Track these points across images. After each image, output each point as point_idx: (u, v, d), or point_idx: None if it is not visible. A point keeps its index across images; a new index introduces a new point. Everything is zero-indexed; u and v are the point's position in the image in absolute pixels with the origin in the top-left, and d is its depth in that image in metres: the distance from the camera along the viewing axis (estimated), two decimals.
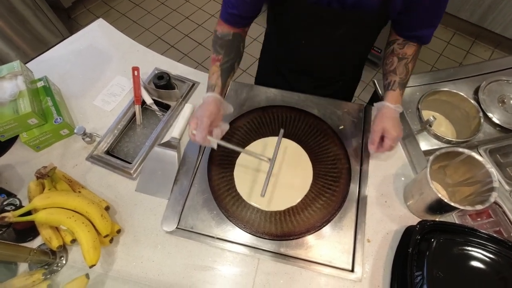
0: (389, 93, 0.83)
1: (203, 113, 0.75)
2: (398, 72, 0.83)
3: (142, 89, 1.04)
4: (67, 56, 1.18)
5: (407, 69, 0.83)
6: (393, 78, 0.83)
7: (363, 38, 0.91)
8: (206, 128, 0.73)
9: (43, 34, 2.29)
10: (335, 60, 0.99)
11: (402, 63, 0.83)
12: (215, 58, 0.84)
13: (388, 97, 0.83)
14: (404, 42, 0.84)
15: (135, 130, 1.04)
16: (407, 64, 0.83)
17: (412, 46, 0.84)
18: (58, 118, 0.94)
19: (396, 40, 0.86)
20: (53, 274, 0.77)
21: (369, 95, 1.09)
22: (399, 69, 0.83)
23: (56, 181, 0.82)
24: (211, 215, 0.83)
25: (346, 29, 0.82)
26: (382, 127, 0.79)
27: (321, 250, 0.78)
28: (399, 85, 0.82)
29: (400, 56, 0.84)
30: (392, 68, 0.84)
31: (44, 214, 0.74)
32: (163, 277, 0.77)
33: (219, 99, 0.80)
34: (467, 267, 0.66)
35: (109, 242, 0.79)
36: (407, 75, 0.83)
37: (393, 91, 0.82)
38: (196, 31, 2.68)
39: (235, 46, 0.86)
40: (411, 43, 0.84)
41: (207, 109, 0.76)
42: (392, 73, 0.84)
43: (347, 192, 0.85)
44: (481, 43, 2.48)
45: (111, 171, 0.92)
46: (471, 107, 0.99)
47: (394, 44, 0.86)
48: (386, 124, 0.79)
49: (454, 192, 0.84)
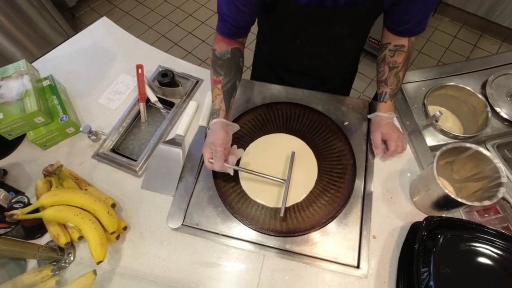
0: (381, 105, 0.89)
1: (216, 142, 0.77)
2: (389, 83, 0.87)
3: (147, 86, 1.04)
4: (72, 55, 1.19)
5: (398, 79, 0.87)
6: (384, 90, 0.88)
7: (358, 32, 0.91)
8: (222, 157, 0.78)
9: (48, 33, 2.30)
10: (331, 57, 0.99)
11: (392, 73, 0.87)
12: (216, 80, 0.83)
13: (380, 108, 0.89)
14: (395, 48, 0.86)
15: (140, 128, 1.04)
16: (398, 73, 0.87)
17: (402, 53, 0.86)
18: (64, 117, 0.95)
19: (387, 45, 0.87)
20: (61, 271, 0.78)
21: (374, 90, 1.08)
22: (390, 80, 0.87)
23: (63, 179, 0.83)
24: (216, 212, 0.84)
25: (341, 26, 0.82)
26: (380, 132, 0.87)
27: (327, 247, 0.78)
28: (390, 96, 0.88)
29: (391, 66, 0.87)
30: (383, 78, 0.89)
31: (51, 211, 0.75)
32: (169, 274, 0.77)
33: (225, 123, 0.81)
34: (474, 264, 0.66)
35: (116, 239, 0.80)
36: (398, 84, 0.88)
37: (385, 103, 0.88)
38: (199, 29, 2.68)
39: (235, 64, 0.84)
40: (400, 50, 0.85)
41: (218, 137, 0.77)
42: (383, 84, 0.89)
43: (353, 188, 0.85)
44: (488, 36, 2.44)
45: (116, 168, 0.93)
46: (479, 102, 0.98)
47: (385, 51, 0.88)
48: (383, 129, 0.87)
49: (461, 188, 0.83)
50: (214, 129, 0.79)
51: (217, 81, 0.83)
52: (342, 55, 1.00)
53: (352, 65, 1.13)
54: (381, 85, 0.89)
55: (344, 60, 1.05)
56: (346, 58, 1.04)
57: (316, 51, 0.94)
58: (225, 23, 0.79)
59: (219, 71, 0.83)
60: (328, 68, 1.05)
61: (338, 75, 1.10)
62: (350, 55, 1.04)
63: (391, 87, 0.87)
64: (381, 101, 0.89)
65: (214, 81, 0.83)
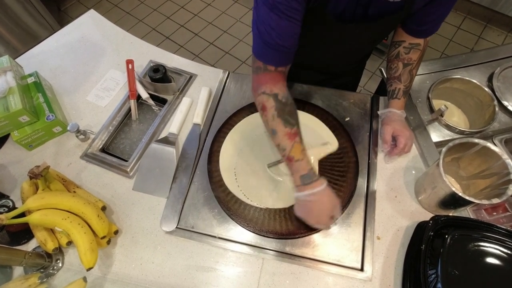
0: (394, 101, 0.88)
1: (337, 213, 0.72)
2: (403, 80, 0.86)
3: (137, 83, 1.04)
4: (58, 50, 1.18)
5: (411, 76, 0.87)
6: (397, 86, 0.87)
7: (382, 37, 0.91)
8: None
9: (32, 28, 2.28)
10: (346, 56, 0.98)
11: (407, 69, 0.86)
12: (292, 133, 0.69)
13: (393, 105, 0.88)
14: (410, 46, 0.85)
15: (130, 126, 1.03)
16: (412, 70, 0.86)
17: (417, 51, 0.85)
18: (50, 115, 0.94)
19: (402, 42, 0.86)
20: (49, 278, 0.77)
21: (375, 85, 1.08)
22: (404, 77, 0.86)
23: (50, 181, 0.82)
24: (212, 213, 0.83)
25: (368, 36, 0.82)
26: (392, 127, 0.85)
27: (329, 249, 0.78)
28: (403, 94, 0.87)
29: (406, 62, 0.86)
30: (397, 75, 0.87)
31: (38, 215, 0.74)
32: (164, 279, 0.77)
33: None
34: (484, 264, 0.65)
35: (107, 244, 0.79)
36: (411, 81, 0.87)
37: (398, 100, 0.87)
38: (192, 21, 2.66)
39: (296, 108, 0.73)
40: (416, 48, 0.85)
41: (335, 196, 0.71)
42: (397, 80, 0.87)
43: (355, 187, 0.85)
44: (493, 27, 2.44)
45: (107, 169, 0.92)
46: (485, 95, 0.98)
47: (399, 47, 0.87)
48: (396, 125, 0.85)
49: (469, 185, 0.83)
50: (328, 194, 0.70)
51: (294, 133, 0.69)
52: (358, 55, 1.00)
53: (362, 62, 1.12)
54: (394, 82, 0.88)
55: (357, 58, 1.04)
56: (359, 56, 1.03)
57: (333, 52, 0.93)
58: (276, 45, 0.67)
59: (291, 121, 0.69)
60: (339, 65, 1.03)
61: (348, 72, 1.09)
62: (363, 54, 1.03)
63: (405, 84, 0.86)
64: (394, 97, 0.88)
65: (290, 135, 0.69)
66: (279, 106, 0.70)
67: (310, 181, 0.68)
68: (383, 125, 0.88)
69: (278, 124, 0.69)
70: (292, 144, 0.69)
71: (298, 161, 0.68)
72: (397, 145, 0.84)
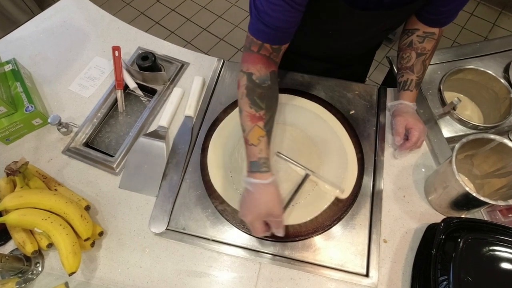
0: (406, 93, 0.88)
1: (275, 211, 0.68)
2: (415, 71, 0.86)
3: (124, 71, 1.03)
4: (38, 36, 1.17)
5: (424, 67, 0.87)
6: (410, 77, 0.87)
7: (395, 27, 0.90)
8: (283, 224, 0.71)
9: (10, 11, 2.27)
10: (357, 46, 0.97)
11: (420, 60, 0.86)
12: (256, 116, 0.70)
13: (405, 97, 0.88)
14: (425, 35, 0.85)
15: (117, 119, 1.03)
16: (425, 61, 0.86)
17: (432, 40, 0.85)
18: (29, 106, 0.93)
19: (415, 31, 0.86)
20: (28, 283, 0.77)
21: (382, 75, 1.07)
22: (417, 67, 0.86)
23: (29, 178, 0.82)
24: (206, 214, 0.83)
25: (382, 25, 0.81)
26: (405, 119, 0.84)
27: (331, 253, 0.78)
28: (416, 85, 0.87)
29: (419, 52, 0.86)
30: (409, 65, 0.87)
31: (16, 215, 0.74)
32: (152, 285, 0.77)
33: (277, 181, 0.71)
34: (499, 270, 0.65)
35: (91, 246, 0.79)
36: (423, 73, 0.87)
37: (410, 92, 0.87)
38: (184, 5, 2.65)
39: (275, 93, 0.75)
40: (430, 37, 0.85)
41: (277, 201, 0.69)
42: (409, 71, 0.87)
43: (360, 186, 0.84)
44: (509, 13, 2.44)
45: (91, 165, 0.92)
46: (501, 87, 0.97)
47: (412, 36, 0.86)
48: (408, 117, 0.85)
49: (483, 185, 0.83)
50: (269, 192, 0.68)
51: (258, 117, 0.71)
52: (369, 43, 0.99)
53: (372, 52, 1.11)
54: (406, 72, 0.88)
55: (368, 48, 1.03)
56: (373, 45, 1.02)
57: (345, 42, 0.92)
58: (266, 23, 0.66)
59: (259, 104, 0.71)
60: (350, 54, 1.03)
61: (358, 61, 1.08)
62: (374, 43, 1.03)
63: (418, 75, 0.86)
64: (405, 89, 0.88)
65: (253, 117, 0.71)
66: (250, 86, 0.71)
67: (256, 170, 0.69)
68: (395, 117, 0.88)
69: (245, 103, 0.72)
70: (252, 127, 0.70)
71: (251, 146, 0.70)
72: (410, 139, 0.83)
